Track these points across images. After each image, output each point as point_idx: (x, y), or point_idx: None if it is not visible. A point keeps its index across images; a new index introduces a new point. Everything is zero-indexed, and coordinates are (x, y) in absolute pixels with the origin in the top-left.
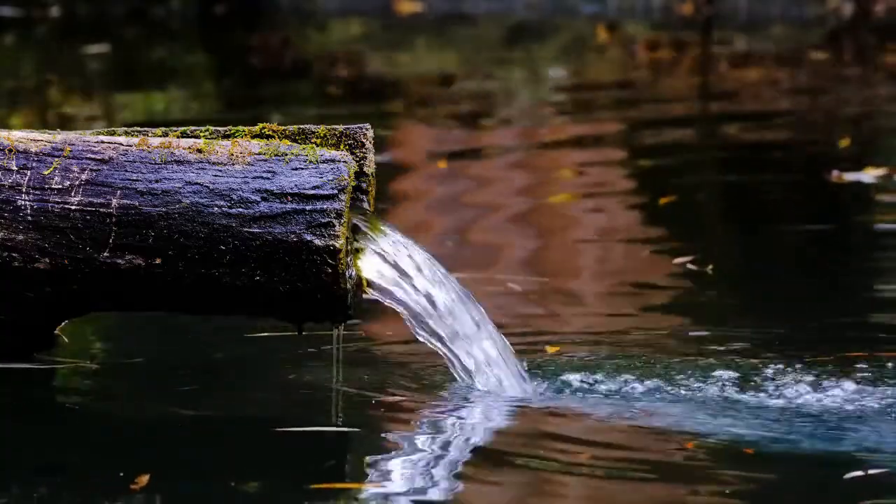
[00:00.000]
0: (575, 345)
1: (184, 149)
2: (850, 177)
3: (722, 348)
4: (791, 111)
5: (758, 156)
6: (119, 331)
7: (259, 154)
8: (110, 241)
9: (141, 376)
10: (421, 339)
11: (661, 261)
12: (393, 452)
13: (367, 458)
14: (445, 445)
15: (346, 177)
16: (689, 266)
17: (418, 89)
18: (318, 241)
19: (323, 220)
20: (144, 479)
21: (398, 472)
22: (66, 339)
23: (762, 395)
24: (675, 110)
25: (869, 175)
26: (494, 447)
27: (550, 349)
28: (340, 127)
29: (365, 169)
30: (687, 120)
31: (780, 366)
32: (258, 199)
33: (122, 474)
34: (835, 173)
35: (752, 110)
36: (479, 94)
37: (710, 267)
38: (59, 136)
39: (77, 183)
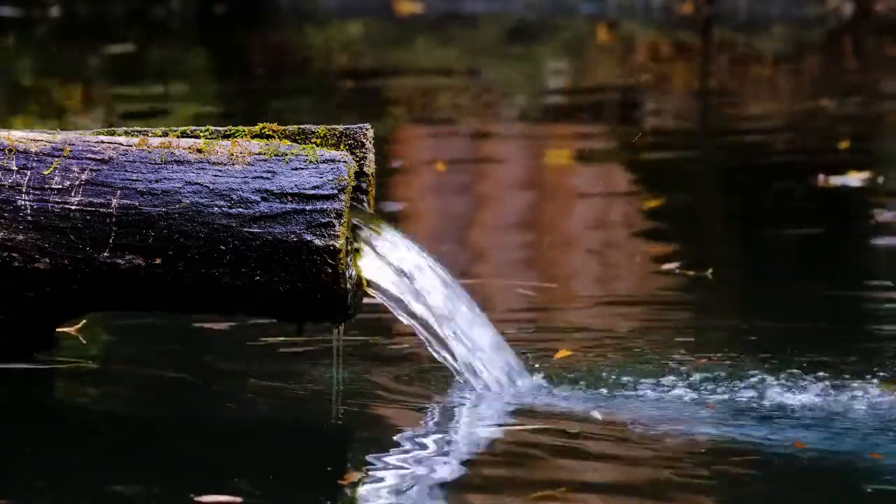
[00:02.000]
0: (578, 347)
1: (184, 149)
2: (836, 180)
3: (724, 350)
4: (790, 112)
5: (756, 157)
6: (119, 331)
7: (259, 154)
8: (110, 241)
9: (141, 376)
10: (421, 338)
11: (657, 265)
12: (393, 452)
13: (367, 458)
14: (445, 445)
15: (346, 177)
16: (680, 271)
17: (418, 90)
18: (318, 241)
19: (323, 220)
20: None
21: (398, 472)
22: (84, 341)
23: (762, 396)
24: (673, 111)
25: (855, 178)
26: (494, 446)
27: (562, 354)
28: (340, 127)
29: (365, 169)
30: (685, 122)
31: (783, 368)
32: (258, 199)
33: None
34: (821, 177)
35: (750, 111)
36: (478, 95)
37: (710, 271)
38: (59, 136)
39: (77, 183)
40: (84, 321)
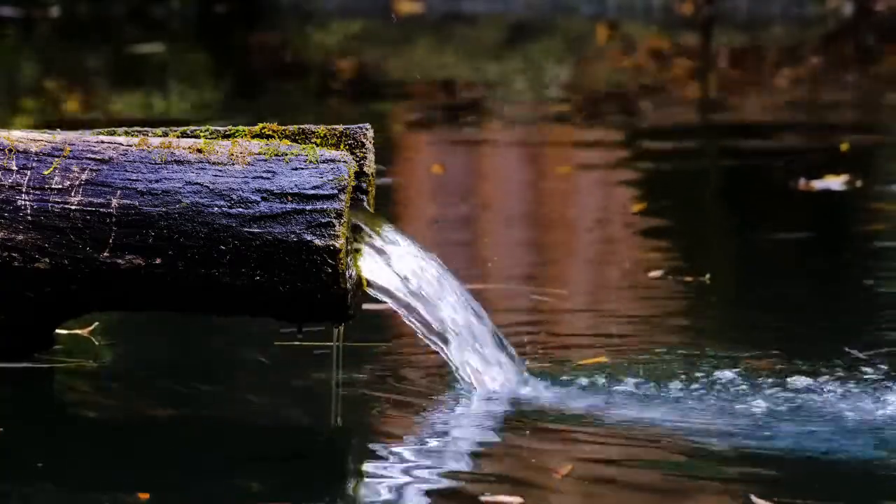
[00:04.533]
0: (585, 350)
1: (184, 149)
2: (818, 184)
3: (723, 352)
4: (789, 113)
5: (754, 159)
6: (119, 331)
7: (259, 154)
8: (110, 241)
9: (141, 376)
10: (421, 338)
11: (653, 270)
12: (393, 452)
13: (367, 459)
14: (445, 445)
15: (346, 177)
16: (674, 277)
17: (417, 90)
18: (318, 241)
19: (323, 220)
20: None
21: (398, 472)
22: (97, 342)
23: (762, 397)
24: (672, 113)
25: (837, 182)
26: (494, 447)
27: (589, 360)
28: (340, 127)
29: (365, 169)
30: (685, 124)
31: (784, 370)
32: (258, 199)
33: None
34: (802, 181)
35: (750, 112)
36: (477, 95)
37: (708, 276)
38: (59, 136)
39: (77, 183)
40: (97, 323)
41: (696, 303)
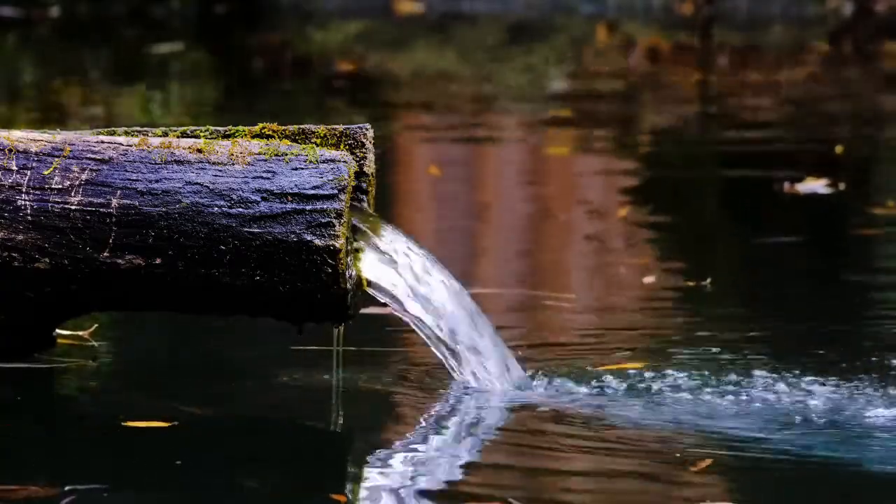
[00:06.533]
0: (590, 353)
1: (184, 149)
2: (803, 188)
3: (721, 353)
4: (788, 114)
5: (752, 161)
6: (120, 331)
7: (259, 154)
8: (110, 241)
9: (141, 376)
10: (421, 337)
11: (651, 276)
12: (393, 452)
13: (367, 458)
14: (445, 444)
15: (346, 177)
16: (674, 281)
17: (417, 90)
18: (318, 241)
19: (323, 220)
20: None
21: (398, 472)
22: (97, 342)
23: (762, 398)
24: (671, 113)
25: (821, 185)
26: (494, 446)
27: (625, 365)
28: (340, 127)
29: (365, 169)
30: (683, 124)
31: (785, 371)
32: (258, 199)
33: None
34: (786, 185)
35: (750, 113)
36: (477, 96)
37: (709, 280)
38: (59, 136)
39: (77, 183)
40: (96, 325)
41: (699, 307)
